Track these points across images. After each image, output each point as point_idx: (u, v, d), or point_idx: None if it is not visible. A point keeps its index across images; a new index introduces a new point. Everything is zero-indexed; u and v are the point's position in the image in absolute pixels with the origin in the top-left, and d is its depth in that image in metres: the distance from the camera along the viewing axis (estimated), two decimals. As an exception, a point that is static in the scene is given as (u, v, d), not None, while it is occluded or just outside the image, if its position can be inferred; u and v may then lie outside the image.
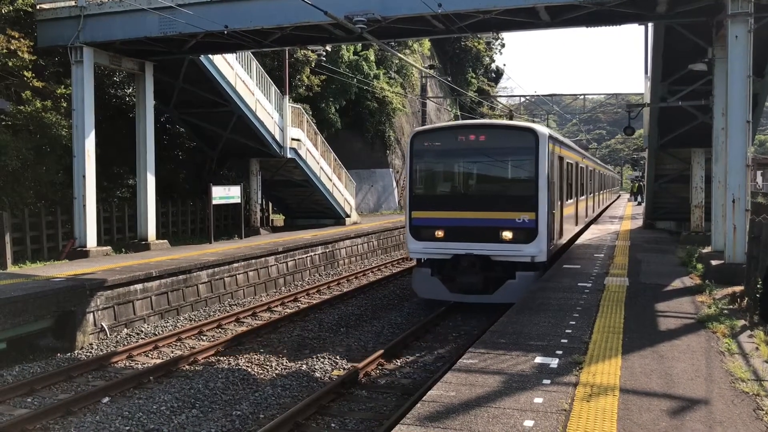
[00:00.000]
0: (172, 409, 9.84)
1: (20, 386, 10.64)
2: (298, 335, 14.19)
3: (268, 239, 23.61)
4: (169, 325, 15.18)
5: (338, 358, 12.39)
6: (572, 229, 19.92)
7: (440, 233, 15.10)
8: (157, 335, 14.15)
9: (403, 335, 13.35)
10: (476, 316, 15.35)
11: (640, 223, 28.07)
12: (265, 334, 14.37)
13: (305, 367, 11.89)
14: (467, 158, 15.55)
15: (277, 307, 17.43)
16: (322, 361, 12.17)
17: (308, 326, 15.00)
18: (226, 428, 9.12)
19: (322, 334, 14.33)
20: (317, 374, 11.47)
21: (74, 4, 18.24)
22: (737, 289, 11.23)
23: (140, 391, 10.70)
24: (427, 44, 48.94)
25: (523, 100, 54.71)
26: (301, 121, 27.22)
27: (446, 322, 15.17)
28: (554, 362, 7.12)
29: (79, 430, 9.00)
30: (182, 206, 25.27)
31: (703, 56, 15.79)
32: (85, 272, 14.92)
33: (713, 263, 13.27)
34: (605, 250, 18.06)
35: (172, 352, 13.09)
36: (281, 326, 15.09)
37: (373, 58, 38.30)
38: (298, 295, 18.75)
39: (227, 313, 16.29)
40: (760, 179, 57.69)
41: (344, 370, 11.54)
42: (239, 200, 23.84)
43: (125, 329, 14.36)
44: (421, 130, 16.29)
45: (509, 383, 6.42)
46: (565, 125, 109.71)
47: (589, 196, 26.31)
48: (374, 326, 14.91)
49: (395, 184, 43.00)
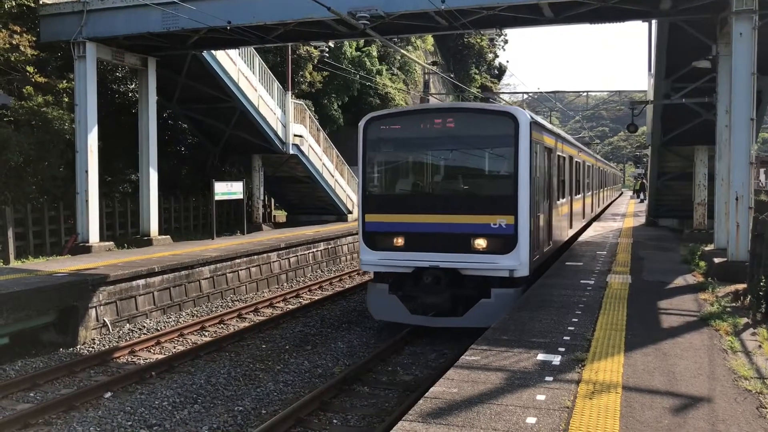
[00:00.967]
0: (174, 404, 9.85)
1: (23, 381, 10.66)
2: (300, 331, 14.19)
3: (270, 235, 23.61)
4: (171, 320, 15.19)
5: (340, 354, 12.40)
6: (565, 233, 17.63)
7: (399, 241, 12.62)
8: (159, 331, 14.16)
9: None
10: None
11: (642, 220, 28.03)
12: (267, 329, 14.37)
13: (307, 362, 11.89)
14: (432, 149, 12.96)
15: (279, 303, 17.44)
16: (324, 357, 12.17)
17: (310, 322, 15.00)
18: (228, 424, 9.13)
19: (323, 330, 14.33)
20: (319, 370, 11.47)
21: (77, -1, 18.23)
22: (740, 286, 11.21)
23: (142, 386, 10.71)
24: (430, 40, 48.90)
25: (526, 96, 54.61)
26: (303, 117, 27.21)
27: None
28: (557, 359, 7.11)
29: (81, 425, 9.01)
30: (184, 202, 25.26)
31: (707, 53, 15.75)
32: (87, 267, 14.93)
33: (716, 261, 13.25)
34: (608, 247, 18.03)
35: (174, 347, 13.10)
36: (283, 322, 15.09)
37: (375, 54, 38.27)
38: (300, 291, 18.75)
39: (229, 308, 16.30)
40: (763, 177, 57.53)
41: (346, 365, 11.54)
42: (242, 196, 23.83)
43: (127, 324, 14.38)
44: (376, 114, 13.44)
45: (511, 380, 6.41)
46: (567, 122, 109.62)
47: (587, 194, 24.19)
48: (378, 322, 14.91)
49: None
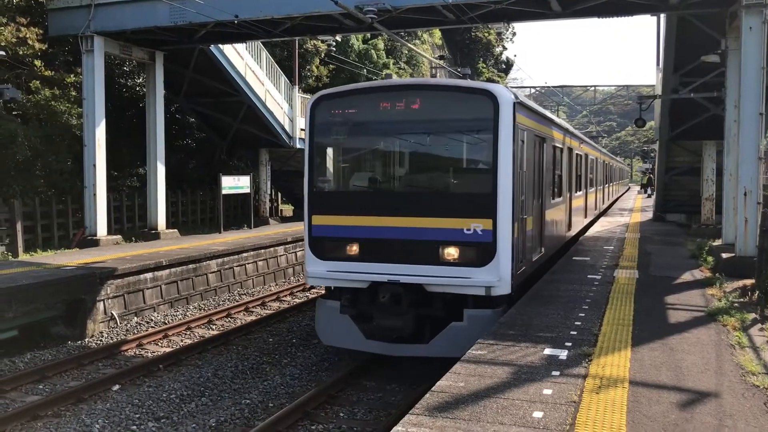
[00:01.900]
0: (181, 397, 9.91)
1: (32, 373, 10.73)
2: (307, 324, 14.23)
3: (277, 229, 23.66)
4: (178, 314, 15.25)
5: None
6: (562, 236, 15.72)
7: (353, 249, 10.39)
8: (166, 324, 14.23)
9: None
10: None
11: (650, 215, 27.94)
12: (274, 323, 14.42)
13: (314, 356, 11.93)
14: (393, 135, 10.80)
15: (286, 296, 17.48)
16: (330, 350, 12.20)
17: (317, 316, 15.04)
18: (235, 417, 9.18)
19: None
20: (326, 364, 11.50)
21: (85, -7, 18.26)
22: (748, 282, 11.17)
23: (150, 379, 10.77)
24: (437, 33, 48.80)
25: (533, 90, 54.49)
26: (310, 111, 27.16)
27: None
28: (563, 354, 7.11)
29: (90, 417, 9.07)
30: (192, 196, 25.33)
31: (715, 47, 15.65)
32: (95, 261, 14.99)
33: (724, 256, 13.21)
34: (615, 242, 17.99)
35: (181, 340, 13.16)
36: (290, 316, 15.14)
37: (382, 47, 38.20)
38: (306, 284, 18.81)
39: (236, 302, 16.35)
40: (771, 172, 57.22)
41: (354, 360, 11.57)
42: (249, 190, 23.88)
43: (135, 318, 14.45)
44: (326, 93, 11.08)
45: (518, 374, 6.42)
46: (575, 117, 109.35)
47: (590, 191, 22.03)
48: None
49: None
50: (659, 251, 16.16)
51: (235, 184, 23.04)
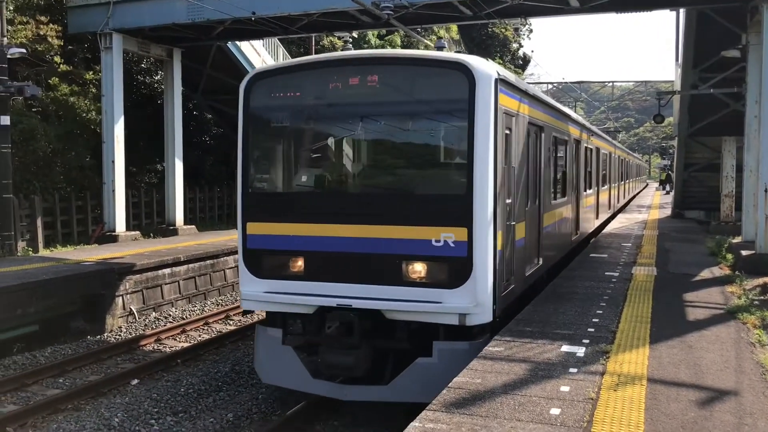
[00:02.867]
0: (199, 391, 9.98)
1: (52, 367, 10.87)
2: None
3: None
4: (196, 309, 15.36)
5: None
6: (567, 241, 13.81)
7: (297, 265, 8.52)
8: (184, 319, 14.34)
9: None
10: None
11: (668, 212, 27.72)
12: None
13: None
14: (345, 122, 8.92)
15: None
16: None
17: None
18: (252, 411, 9.23)
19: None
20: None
21: (104, -10, 18.42)
22: (768, 279, 11.08)
23: (168, 373, 10.87)
24: (454, 29, 48.65)
25: (550, 86, 54.19)
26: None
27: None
28: (581, 351, 7.08)
29: (109, 410, 9.16)
30: (209, 192, 25.47)
31: (736, 42, 15.51)
32: (114, 256, 15.13)
33: (743, 253, 13.08)
34: (633, 239, 17.87)
35: (199, 336, 13.26)
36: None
37: (399, 42, 38.17)
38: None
39: (253, 298, 16.41)
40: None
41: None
42: (265, 186, 23.89)
43: (153, 313, 14.57)
44: (263, 70, 9.19)
45: (535, 371, 6.40)
46: (593, 113, 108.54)
47: (603, 188, 20.36)
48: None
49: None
50: (678, 248, 16.03)
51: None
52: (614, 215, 25.33)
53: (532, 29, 64.32)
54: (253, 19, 16.62)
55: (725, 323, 8.56)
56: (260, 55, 22.31)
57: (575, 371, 6.40)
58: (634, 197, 43.43)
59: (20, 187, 17.63)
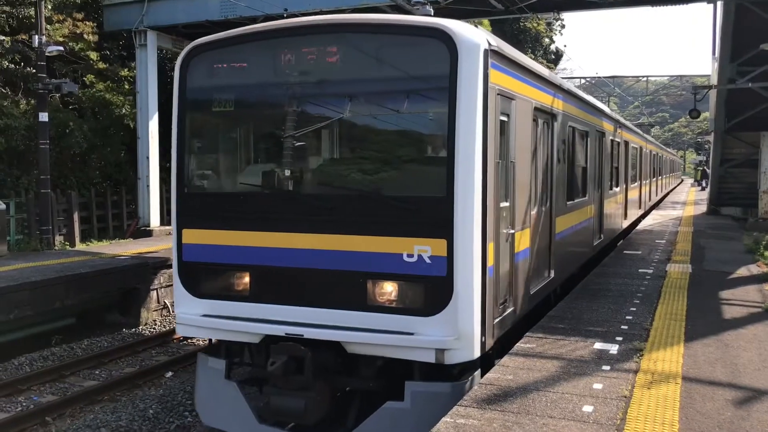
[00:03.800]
0: (232, 384, 10.08)
1: (89, 359, 11.11)
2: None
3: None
4: (228, 303, 15.50)
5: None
6: (584, 251, 12.20)
7: (242, 282, 7.07)
8: (217, 313, 14.48)
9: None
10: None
11: (703, 209, 27.27)
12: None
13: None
14: (299, 105, 7.08)
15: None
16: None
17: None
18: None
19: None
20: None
21: (139, -12, 18.69)
22: (808, 278, 10.85)
23: (202, 366, 10.99)
24: (486, 24, 48.38)
25: (583, 81, 53.61)
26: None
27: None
28: (614, 348, 7.01)
29: (143, 402, 9.33)
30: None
31: (775, 35, 15.18)
32: (148, 251, 15.36)
33: (782, 251, 12.82)
34: (667, 236, 17.62)
35: (231, 329, 13.39)
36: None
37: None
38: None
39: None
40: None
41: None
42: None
43: (187, 307, 14.74)
44: (204, 42, 7.42)
45: (567, 368, 6.35)
46: (626, 108, 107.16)
47: (633, 186, 19.17)
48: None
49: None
50: (713, 245, 15.77)
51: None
52: (646, 214, 24.51)
53: (564, 24, 63.58)
54: (285, 15, 16.71)
55: (763, 321, 8.41)
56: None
57: (608, 369, 6.35)
58: (668, 194, 42.80)
59: (57, 182, 17.99)
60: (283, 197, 7.10)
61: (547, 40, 60.59)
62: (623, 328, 7.87)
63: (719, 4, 18.23)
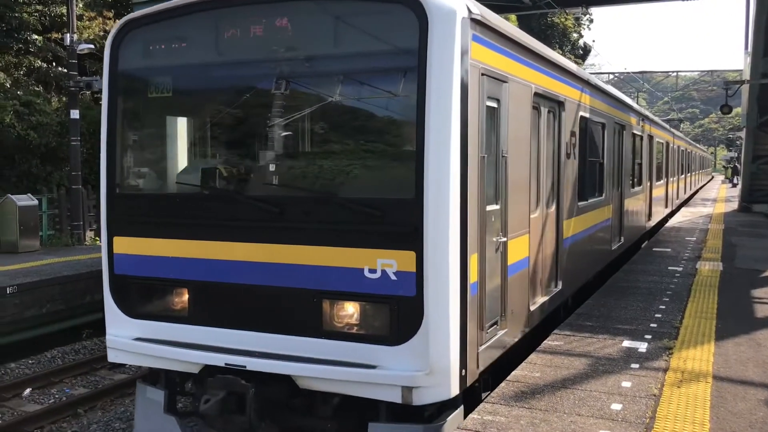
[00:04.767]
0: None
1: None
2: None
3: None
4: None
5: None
6: (599, 258, 11.08)
7: (181, 300, 6.03)
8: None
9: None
10: None
11: (734, 206, 26.88)
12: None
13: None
14: (244, 88, 6.16)
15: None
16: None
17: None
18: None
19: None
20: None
21: (168, -14, 18.87)
22: (843, 276, 10.64)
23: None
24: (513, 19, 48.11)
25: (611, 77, 53.09)
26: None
27: None
28: (643, 346, 6.94)
29: (173, 396, 9.43)
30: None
31: (810, 29, 14.89)
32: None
33: (816, 249, 12.58)
34: (697, 233, 17.39)
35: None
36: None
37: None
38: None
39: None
40: None
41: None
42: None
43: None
44: (136, 16, 6.62)
45: (596, 366, 6.31)
46: (655, 103, 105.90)
47: (658, 183, 18.09)
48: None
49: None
50: (745, 243, 15.53)
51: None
52: (674, 212, 23.60)
53: (592, 19, 63.02)
54: None
55: (796, 321, 8.27)
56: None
57: (637, 367, 6.30)
58: (698, 191, 42.23)
59: (88, 178, 18.25)
60: (224, 199, 6.04)
61: (575, 35, 60.09)
62: (652, 326, 7.80)
63: (752, -3, 17.94)
